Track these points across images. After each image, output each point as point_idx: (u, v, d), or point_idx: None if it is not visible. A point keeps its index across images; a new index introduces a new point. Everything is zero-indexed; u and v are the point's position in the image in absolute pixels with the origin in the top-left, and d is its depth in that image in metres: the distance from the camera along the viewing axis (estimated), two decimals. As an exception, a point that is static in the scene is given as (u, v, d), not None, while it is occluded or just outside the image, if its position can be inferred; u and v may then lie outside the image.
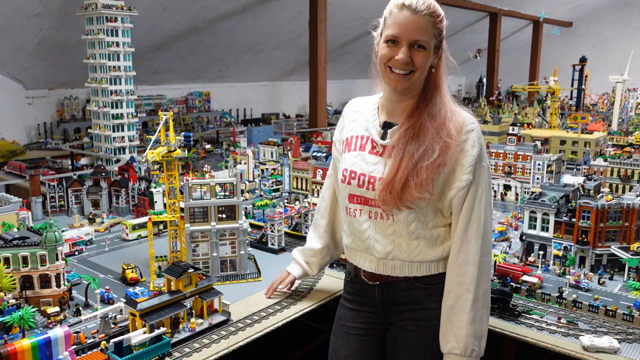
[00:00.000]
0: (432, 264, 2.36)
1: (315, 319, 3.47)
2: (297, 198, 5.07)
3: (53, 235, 2.84)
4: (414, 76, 2.24)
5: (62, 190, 4.87)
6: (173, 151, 3.23)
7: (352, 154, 2.43)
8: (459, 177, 2.25)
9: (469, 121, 2.29)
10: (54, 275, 2.86)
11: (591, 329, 2.80)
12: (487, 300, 2.34)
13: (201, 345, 2.61)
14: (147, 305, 2.56)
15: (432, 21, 2.22)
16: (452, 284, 2.32)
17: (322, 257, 2.95)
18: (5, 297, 2.72)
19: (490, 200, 2.34)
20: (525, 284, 3.25)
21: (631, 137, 7.57)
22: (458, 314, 2.28)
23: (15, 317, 2.60)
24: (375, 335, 2.54)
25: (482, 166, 2.28)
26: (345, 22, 11.40)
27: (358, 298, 2.56)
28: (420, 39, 2.20)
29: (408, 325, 2.43)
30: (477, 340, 2.29)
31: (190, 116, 11.04)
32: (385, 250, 2.35)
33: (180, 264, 2.79)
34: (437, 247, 2.35)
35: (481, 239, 2.27)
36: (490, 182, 2.36)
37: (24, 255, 2.81)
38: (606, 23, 18.19)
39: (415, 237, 2.33)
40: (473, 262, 2.27)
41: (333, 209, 2.85)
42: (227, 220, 3.45)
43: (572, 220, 3.59)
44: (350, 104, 2.62)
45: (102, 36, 6.14)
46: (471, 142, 2.25)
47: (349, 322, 2.58)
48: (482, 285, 2.29)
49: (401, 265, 2.36)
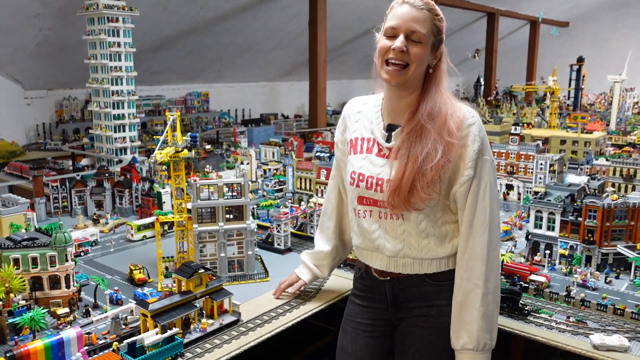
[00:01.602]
0: (442, 260, 2.38)
1: (322, 318, 3.47)
2: (301, 198, 5.07)
3: (63, 236, 2.83)
4: (409, 70, 2.25)
5: (65, 191, 4.86)
6: (180, 151, 3.23)
7: (360, 156, 2.44)
8: (462, 172, 2.26)
9: (469, 115, 2.29)
10: (64, 276, 2.86)
11: (600, 328, 2.82)
12: (497, 294, 2.35)
13: (213, 346, 2.61)
14: (158, 306, 2.56)
15: (431, 16, 2.25)
16: (461, 280, 2.33)
17: (332, 259, 2.95)
18: (15, 298, 2.71)
19: (495, 194, 2.34)
20: (533, 283, 3.26)
21: (630, 137, 7.62)
22: (468, 309, 2.30)
23: (26, 318, 2.59)
24: (383, 332, 2.56)
25: (485, 160, 2.28)
26: (344, 22, 11.41)
27: (368, 294, 2.58)
28: (417, 29, 2.23)
29: (418, 322, 2.45)
30: (489, 333, 2.31)
31: (190, 117, 11.02)
32: (395, 248, 2.38)
33: (191, 265, 2.79)
34: (446, 244, 2.37)
35: (487, 234, 2.28)
36: (494, 176, 2.35)
37: (34, 256, 2.80)
38: (603, 23, 18.26)
39: (425, 235, 2.35)
40: (480, 258, 2.28)
41: (339, 211, 2.85)
42: (235, 220, 3.45)
43: (578, 220, 3.60)
44: (351, 104, 2.62)
45: (104, 36, 6.13)
46: (472, 137, 2.26)
47: (357, 318, 2.60)
48: (491, 279, 2.30)
49: (412, 262, 2.39)
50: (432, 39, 2.27)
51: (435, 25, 2.28)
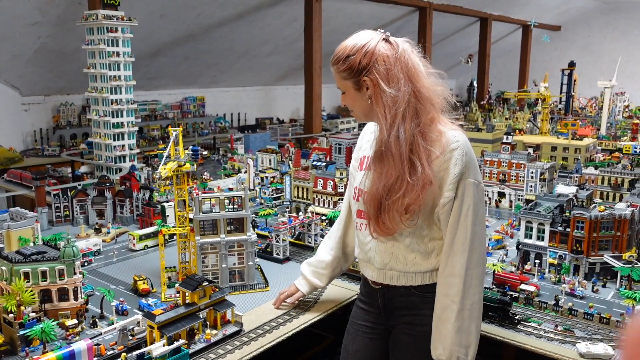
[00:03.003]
0: (427, 274, 2.53)
1: (321, 326, 3.60)
2: (298, 207, 5.18)
3: (71, 250, 2.94)
4: (355, 113, 2.58)
5: (66, 200, 4.95)
6: (182, 165, 3.34)
7: (362, 172, 2.60)
8: (443, 194, 2.39)
9: (453, 140, 2.39)
10: (72, 288, 2.96)
11: (587, 336, 2.95)
12: (474, 311, 2.44)
13: (217, 356, 2.72)
14: (165, 318, 2.67)
15: (336, 69, 2.48)
16: (439, 295, 2.47)
17: (332, 269, 3.08)
18: (26, 310, 2.81)
19: (480, 215, 2.42)
20: (523, 292, 3.39)
21: (620, 143, 7.78)
22: (444, 323, 2.43)
23: (37, 330, 2.70)
24: (381, 335, 2.74)
25: (468, 182, 2.38)
26: (340, 27, 11.50)
27: (368, 300, 2.77)
28: (338, 85, 2.53)
29: (405, 329, 2.62)
30: (464, 348, 2.42)
31: (186, 121, 11.09)
32: (383, 261, 2.56)
33: (195, 277, 2.90)
34: (432, 258, 2.51)
35: (467, 252, 2.40)
36: (480, 198, 2.42)
37: (43, 269, 2.91)
38: (594, 27, 18.46)
39: (411, 250, 2.51)
40: (459, 275, 2.41)
41: (346, 222, 3.01)
42: (236, 232, 3.57)
43: (566, 230, 3.74)
44: (368, 126, 2.82)
45: (103, 46, 6.21)
46: (454, 161, 2.36)
47: (359, 320, 2.80)
48: (468, 297, 2.41)
49: (398, 275, 2.56)
50: (349, 82, 2.46)
51: (344, 72, 2.44)
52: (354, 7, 10.90)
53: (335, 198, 4.82)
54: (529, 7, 15.47)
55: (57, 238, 3.88)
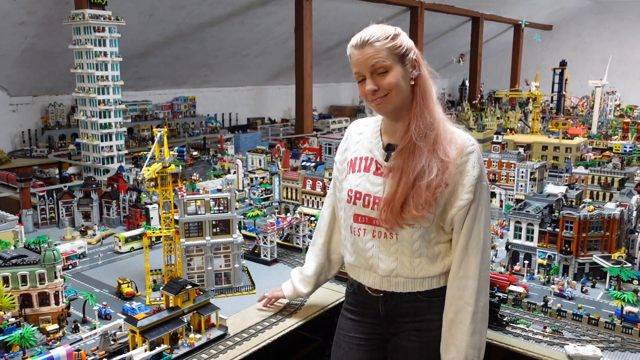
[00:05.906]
0: (434, 279, 2.47)
1: (308, 328, 3.55)
2: (287, 208, 5.14)
3: (52, 254, 2.88)
4: (391, 97, 2.34)
5: (52, 202, 4.88)
6: (167, 167, 3.29)
7: (357, 174, 2.51)
8: (461, 197, 2.35)
9: (469, 142, 2.39)
10: (53, 293, 2.91)
11: (575, 338, 2.92)
12: (485, 313, 2.45)
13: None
14: (147, 323, 2.62)
15: (381, 44, 2.30)
16: (452, 298, 2.42)
17: (317, 276, 2.99)
18: (5, 315, 2.76)
19: (489, 217, 2.46)
20: (512, 294, 3.36)
21: (611, 142, 7.79)
22: (459, 326, 2.39)
23: (16, 335, 2.64)
24: (377, 345, 2.64)
25: (482, 185, 2.39)
26: (330, 27, 11.49)
27: (360, 309, 2.65)
28: (375, 63, 2.30)
29: (410, 336, 2.53)
30: (477, 350, 2.41)
31: (176, 121, 11.02)
32: (388, 268, 2.44)
33: (179, 281, 2.86)
34: (438, 263, 2.46)
35: (480, 254, 2.39)
36: (489, 200, 2.47)
37: (23, 274, 2.85)
38: (585, 27, 18.52)
39: (418, 255, 2.43)
40: (473, 276, 2.38)
41: (331, 228, 2.91)
42: (221, 234, 3.52)
43: (555, 231, 3.72)
44: (353, 126, 2.71)
45: (90, 46, 6.14)
46: (472, 163, 2.35)
47: (351, 333, 2.66)
48: (481, 298, 2.40)
49: (404, 281, 2.46)
50: (394, 58, 2.32)
51: (390, 46, 2.31)
52: (344, 6, 10.86)
53: (324, 199, 4.77)
54: (520, 6, 15.48)
55: (40, 241, 3.82)
